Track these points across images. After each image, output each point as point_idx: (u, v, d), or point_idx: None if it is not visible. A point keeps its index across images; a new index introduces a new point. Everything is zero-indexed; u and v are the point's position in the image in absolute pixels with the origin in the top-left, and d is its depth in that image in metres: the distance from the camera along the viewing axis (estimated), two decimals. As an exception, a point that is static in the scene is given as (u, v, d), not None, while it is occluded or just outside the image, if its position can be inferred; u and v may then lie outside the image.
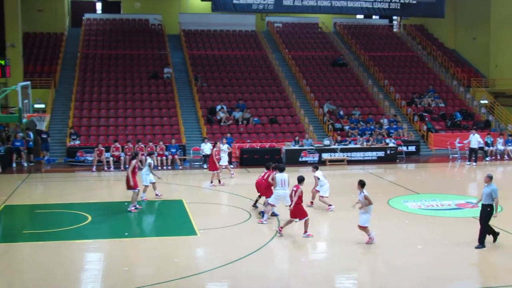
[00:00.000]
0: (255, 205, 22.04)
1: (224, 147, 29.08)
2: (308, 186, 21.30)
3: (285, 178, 19.61)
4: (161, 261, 16.36)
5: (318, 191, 22.28)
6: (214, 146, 28.33)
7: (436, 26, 54.72)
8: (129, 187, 21.53)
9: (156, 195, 23.65)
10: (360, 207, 17.35)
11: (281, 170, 19.83)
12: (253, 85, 43.08)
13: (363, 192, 17.20)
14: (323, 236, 19.27)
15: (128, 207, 21.53)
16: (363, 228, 17.38)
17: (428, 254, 16.59)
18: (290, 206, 18.19)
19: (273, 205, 19.96)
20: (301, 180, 18.37)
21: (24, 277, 14.73)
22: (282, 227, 18.44)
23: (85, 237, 18.42)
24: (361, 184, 17.40)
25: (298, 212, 18.14)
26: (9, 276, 14.76)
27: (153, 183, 23.44)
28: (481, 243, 16.89)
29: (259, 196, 21.81)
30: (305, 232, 18.17)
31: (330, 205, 22.01)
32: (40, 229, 18.99)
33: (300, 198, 17.98)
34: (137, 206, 21.60)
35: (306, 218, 18.13)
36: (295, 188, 18.00)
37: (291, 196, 18.36)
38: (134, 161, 21.72)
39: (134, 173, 21.57)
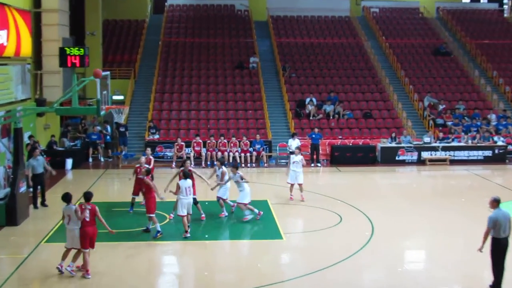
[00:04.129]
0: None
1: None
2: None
3: (189, 186, 19.24)
4: (243, 266, 16.38)
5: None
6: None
7: (553, 10, 52.74)
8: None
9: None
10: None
11: (186, 176, 19.36)
12: (346, 75, 42.62)
13: (238, 173, 20.50)
14: (423, 244, 18.85)
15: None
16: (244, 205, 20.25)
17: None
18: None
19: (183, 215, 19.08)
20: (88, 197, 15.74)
21: (98, 280, 15.00)
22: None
23: (163, 238, 18.61)
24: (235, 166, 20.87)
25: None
26: (81, 279, 15.04)
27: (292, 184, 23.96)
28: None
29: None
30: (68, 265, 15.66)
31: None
32: (116, 228, 19.27)
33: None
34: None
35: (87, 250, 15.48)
36: (90, 206, 15.42)
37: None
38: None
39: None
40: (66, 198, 15.65)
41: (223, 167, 21.60)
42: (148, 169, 19.82)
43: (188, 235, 18.73)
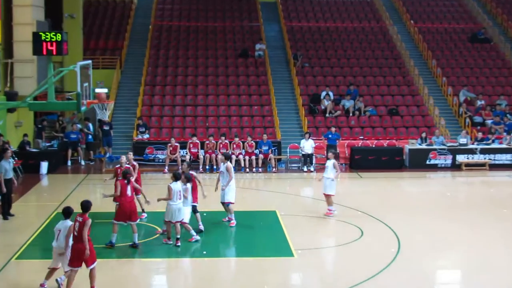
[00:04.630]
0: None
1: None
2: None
3: (180, 190, 19.26)
4: (247, 288, 16.36)
5: None
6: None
7: None
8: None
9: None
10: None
11: (177, 178, 19.43)
12: (368, 65, 42.62)
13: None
14: (458, 263, 18.81)
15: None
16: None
17: None
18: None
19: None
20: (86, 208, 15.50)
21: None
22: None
23: (153, 255, 18.60)
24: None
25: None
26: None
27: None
28: None
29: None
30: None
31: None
32: (98, 243, 19.30)
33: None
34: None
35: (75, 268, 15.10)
36: (81, 218, 15.09)
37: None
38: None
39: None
40: (68, 212, 15.41)
41: (228, 162, 21.81)
42: (127, 171, 19.81)
43: (170, 242, 18.98)
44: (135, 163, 23.31)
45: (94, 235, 15.90)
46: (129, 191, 19.17)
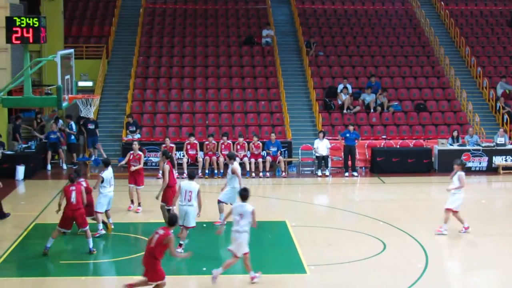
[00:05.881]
0: None
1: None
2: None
3: (192, 189, 19.62)
4: (253, 309, 16.44)
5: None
6: None
7: None
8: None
9: None
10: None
11: (191, 177, 20.16)
12: (392, 54, 42.66)
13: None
14: (494, 281, 18.81)
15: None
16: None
17: None
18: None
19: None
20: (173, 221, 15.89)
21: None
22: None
23: (146, 271, 18.70)
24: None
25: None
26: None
27: None
28: None
29: None
30: None
31: None
32: (82, 258, 19.42)
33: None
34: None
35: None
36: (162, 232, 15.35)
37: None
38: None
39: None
40: (245, 195, 17.51)
41: (234, 162, 22.51)
42: (76, 169, 20.19)
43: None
44: (140, 153, 25.42)
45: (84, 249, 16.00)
46: (73, 198, 19.36)
